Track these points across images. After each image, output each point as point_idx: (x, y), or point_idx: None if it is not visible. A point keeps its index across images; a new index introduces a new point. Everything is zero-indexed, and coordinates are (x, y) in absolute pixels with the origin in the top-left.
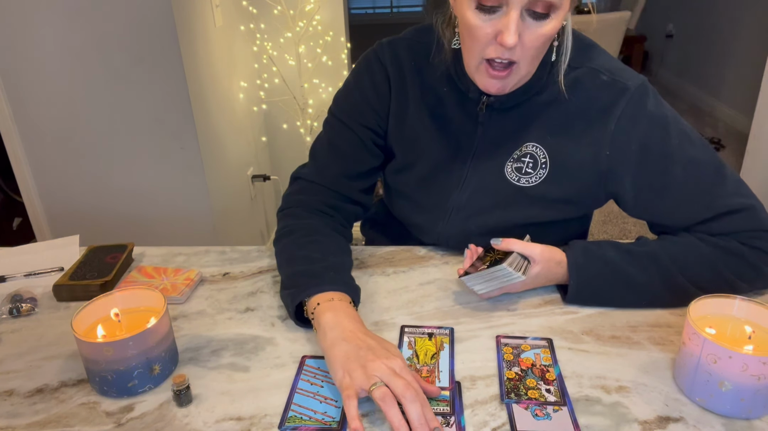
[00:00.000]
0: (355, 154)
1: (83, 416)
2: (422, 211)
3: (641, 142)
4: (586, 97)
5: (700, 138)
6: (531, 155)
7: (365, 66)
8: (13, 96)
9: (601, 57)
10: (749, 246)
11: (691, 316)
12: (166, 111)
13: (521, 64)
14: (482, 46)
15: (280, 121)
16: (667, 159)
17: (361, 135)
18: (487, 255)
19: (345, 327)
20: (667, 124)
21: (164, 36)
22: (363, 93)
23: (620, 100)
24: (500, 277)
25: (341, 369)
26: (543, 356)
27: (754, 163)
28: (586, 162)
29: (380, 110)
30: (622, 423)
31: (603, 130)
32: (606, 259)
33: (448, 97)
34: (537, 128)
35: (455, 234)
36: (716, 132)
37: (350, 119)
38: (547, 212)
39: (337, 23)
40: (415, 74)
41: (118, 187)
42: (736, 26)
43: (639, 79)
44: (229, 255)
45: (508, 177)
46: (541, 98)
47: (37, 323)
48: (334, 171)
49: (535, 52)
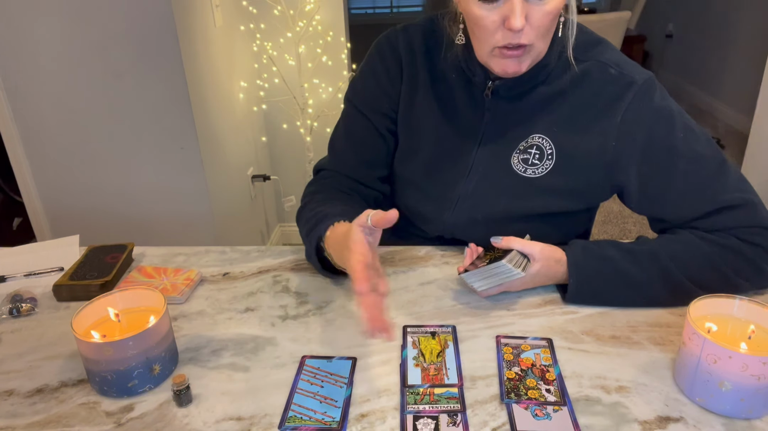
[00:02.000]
0: (371, 142)
1: (83, 416)
2: (429, 199)
3: (647, 135)
4: (594, 89)
5: (705, 133)
6: (537, 146)
7: (378, 51)
8: (13, 96)
9: (609, 52)
10: (748, 242)
11: (691, 316)
12: (166, 111)
13: (534, 45)
14: (491, 35)
15: (280, 121)
16: (672, 152)
17: (376, 122)
18: (486, 254)
19: (339, 244)
20: (672, 118)
21: (164, 36)
22: (377, 77)
23: (627, 93)
24: (500, 274)
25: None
26: (543, 356)
27: (754, 163)
28: (593, 153)
29: (393, 94)
30: (622, 423)
31: (610, 122)
32: (605, 258)
33: (456, 84)
34: (544, 120)
35: (461, 223)
36: (716, 132)
37: (365, 106)
38: (553, 203)
39: (337, 23)
40: (426, 60)
41: (119, 187)
42: (736, 26)
43: (646, 74)
44: (229, 255)
45: (514, 168)
46: (548, 89)
47: (37, 323)
48: (351, 159)
49: (544, 30)
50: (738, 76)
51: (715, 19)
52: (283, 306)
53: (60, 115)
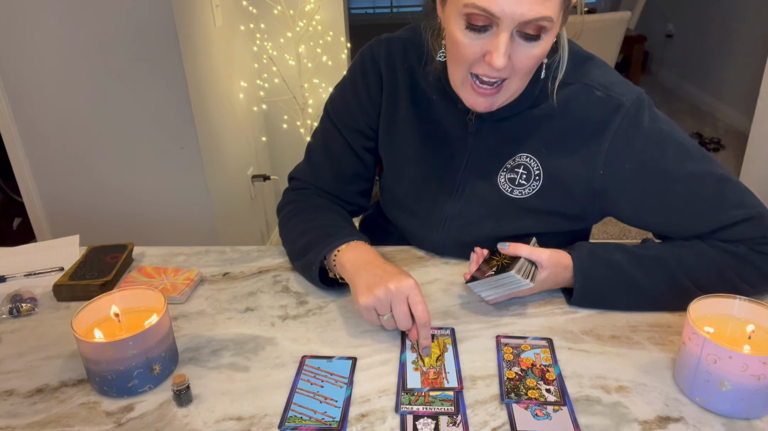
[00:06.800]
0: (346, 159)
1: (83, 416)
2: (417, 219)
3: (637, 160)
4: (580, 114)
5: (701, 150)
6: (525, 166)
7: (360, 64)
8: (13, 96)
9: (596, 71)
10: (758, 252)
11: (691, 316)
12: (166, 111)
13: (511, 82)
14: (469, 63)
15: (280, 121)
16: (666, 176)
17: (351, 140)
18: (493, 258)
19: (364, 260)
20: (663, 140)
21: (164, 36)
22: (356, 93)
23: (615, 117)
24: (508, 284)
25: (360, 294)
26: (543, 356)
27: (754, 163)
28: (580, 179)
29: (371, 111)
30: (622, 423)
31: (597, 149)
32: (612, 262)
33: (438, 104)
34: (531, 139)
35: (450, 244)
36: (716, 132)
37: (341, 122)
38: (541, 224)
39: (337, 23)
40: (407, 76)
41: (118, 187)
42: (736, 26)
43: (634, 94)
44: (229, 255)
45: (501, 188)
46: (534, 112)
47: (37, 323)
48: (326, 173)
49: (526, 71)
50: (738, 76)
51: (715, 19)
52: (283, 306)
53: (60, 115)
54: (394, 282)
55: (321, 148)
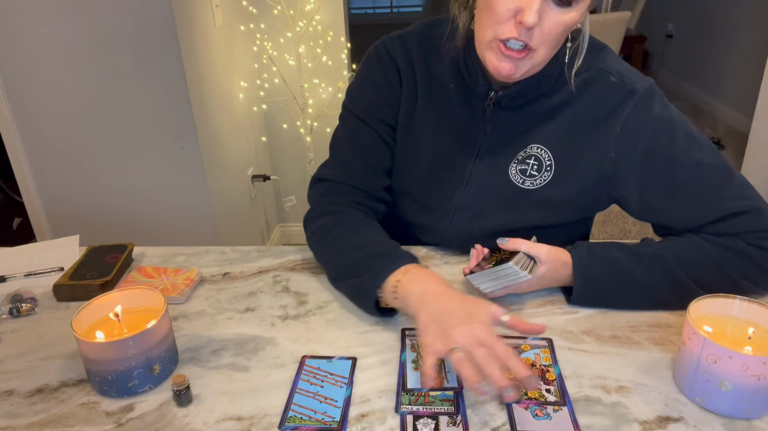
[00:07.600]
0: (377, 151)
1: (83, 416)
2: (426, 210)
3: (647, 145)
4: (595, 98)
5: (707, 141)
6: (536, 157)
7: (376, 59)
8: (13, 96)
9: (610, 58)
10: (756, 246)
11: (691, 316)
12: (166, 111)
13: (538, 50)
14: (499, 23)
15: (280, 121)
16: (673, 162)
17: (381, 131)
18: (492, 256)
19: (429, 291)
20: (673, 127)
21: (164, 36)
22: (377, 87)
23: (628, 102)
24: (506, 276)
25: (424, 333)
26: (543, 356)
27: (754, 163)
28: (591, 164)
29: (393, 104)
30: (622, 423)
31: (609, 132)
32: (611, 260)
33: (455, 93)
34: (543, 130)
35: (458, 234)
36: (716, 132)
37: (368, 115)
38: (550, 215)
39: (337, 23)
40: (423, 69)
41: (119, 187)
42: (736, 26)
43: (647, 82)
44: (229, 255)
45: (512, 178)
46: (550, 101)
47: (37, 323)
48: (360, 169)
49: (553, 39)
50: (738, 76)
51: (715, 19)
52: (283, 306)
53: (60, 115)
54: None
55: (349, 146)
